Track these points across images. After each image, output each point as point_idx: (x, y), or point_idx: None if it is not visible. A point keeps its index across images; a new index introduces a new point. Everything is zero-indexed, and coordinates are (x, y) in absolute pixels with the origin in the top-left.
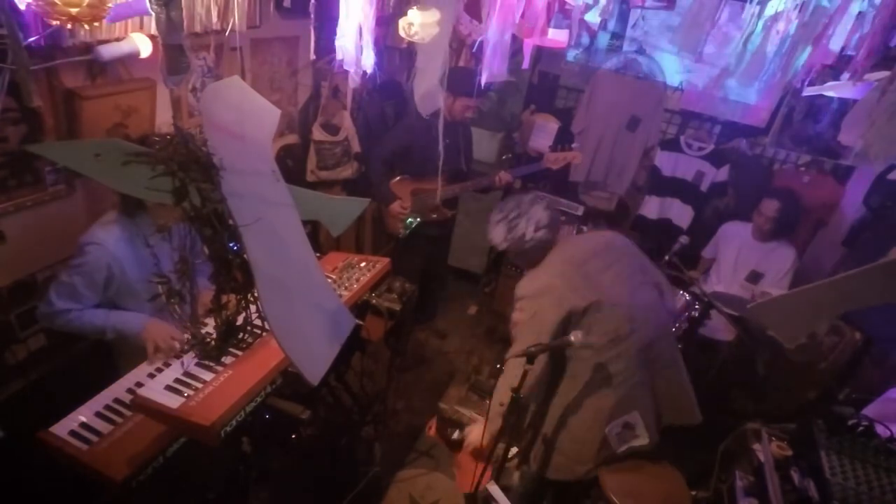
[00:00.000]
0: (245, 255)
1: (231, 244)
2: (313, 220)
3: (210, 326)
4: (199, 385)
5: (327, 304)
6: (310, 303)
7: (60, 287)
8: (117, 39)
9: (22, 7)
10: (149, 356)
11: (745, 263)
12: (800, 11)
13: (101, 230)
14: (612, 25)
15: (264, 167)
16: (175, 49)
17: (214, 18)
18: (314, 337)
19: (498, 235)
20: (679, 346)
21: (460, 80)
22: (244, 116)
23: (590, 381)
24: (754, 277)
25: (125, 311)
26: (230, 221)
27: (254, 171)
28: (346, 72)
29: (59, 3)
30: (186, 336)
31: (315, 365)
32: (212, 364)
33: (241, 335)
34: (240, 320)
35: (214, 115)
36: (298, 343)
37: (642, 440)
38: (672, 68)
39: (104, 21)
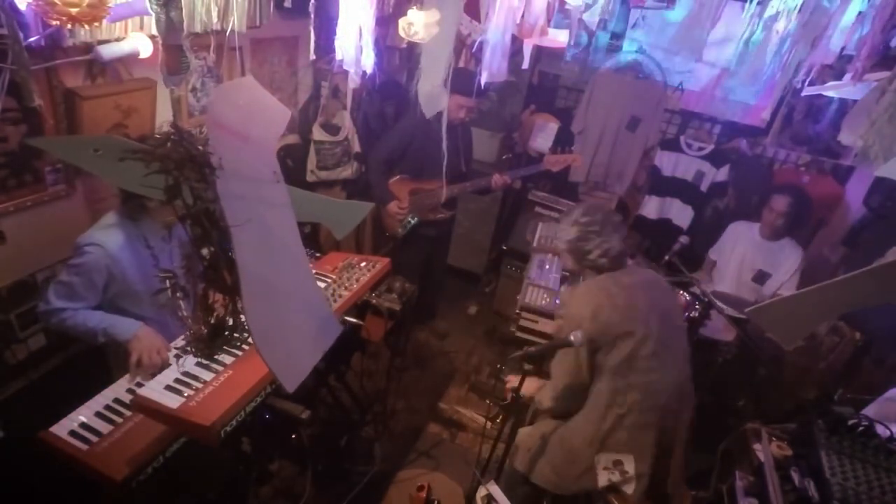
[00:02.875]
0: (233, 256)
1: (224, 244)
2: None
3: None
4: (199, 385)
5: (315, 311)
6: (296, 308)
7: (59, 286)
8: (117, 39)
9: (22, 7)
10: (130, 368)
11: (752, 264)
12: (800, 11)
13: (100, 232)
14: (612, 25)
15: (265, 168)
16: (175, 49)
17: (214, 18)
18: (296, 343)
19: (564, 235)
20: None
21: (453, 78)
22: (252, 117)
23: (606, 401)
24: (761, 278)
25: (123, 315)
26: (222, 222)
27: (254, 172)
28: (346, 72)
29: (59, 3)
30: (171, 353)
31: (293, 372)
32: (212, 364)
33: (228, 334)
34: (231, 320)
35: (221, 115)
36: (277, 348)
37: (627, 487)
38: (672, 68)
39: (104, 21)
